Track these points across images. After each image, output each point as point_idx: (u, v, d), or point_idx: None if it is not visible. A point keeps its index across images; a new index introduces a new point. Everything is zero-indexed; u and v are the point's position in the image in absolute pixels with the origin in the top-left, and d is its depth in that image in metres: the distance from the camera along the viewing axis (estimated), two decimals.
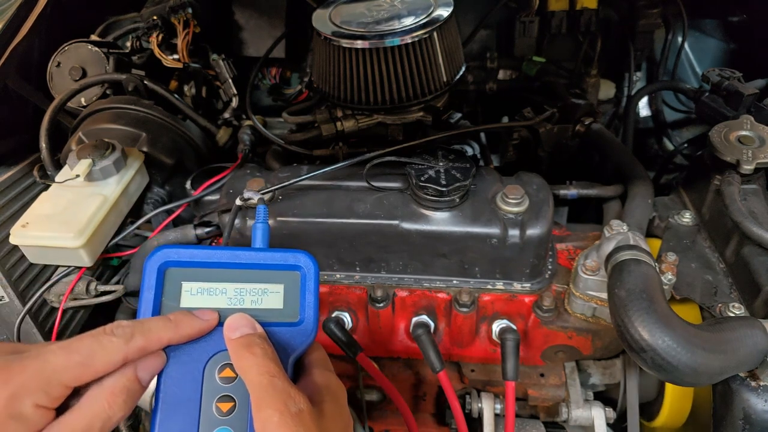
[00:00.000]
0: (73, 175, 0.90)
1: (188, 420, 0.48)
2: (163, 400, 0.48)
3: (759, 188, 0.87)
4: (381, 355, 0.98)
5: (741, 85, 1.05)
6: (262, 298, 0.53)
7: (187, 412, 0.48)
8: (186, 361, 0.49)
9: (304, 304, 0.53)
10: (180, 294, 0.51)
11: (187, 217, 1.03)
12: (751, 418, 0.67)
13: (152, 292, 0.50)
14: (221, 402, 0.49)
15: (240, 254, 0.53)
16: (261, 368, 0.46)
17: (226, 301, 0.52)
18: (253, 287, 0.53)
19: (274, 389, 0.45)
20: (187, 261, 0.52)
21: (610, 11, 1.34)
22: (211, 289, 0.52)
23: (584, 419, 0.91)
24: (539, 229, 0.83)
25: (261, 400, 0.44)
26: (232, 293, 0.52)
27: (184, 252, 0.52)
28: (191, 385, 0.48)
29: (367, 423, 0.91)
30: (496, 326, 0.89)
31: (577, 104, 1.11)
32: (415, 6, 1.00)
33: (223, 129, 1.19)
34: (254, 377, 0.46)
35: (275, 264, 0.54)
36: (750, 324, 0.64)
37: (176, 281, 0.51)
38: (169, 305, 0.50)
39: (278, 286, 0.53)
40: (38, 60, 1.16)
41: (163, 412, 0.48)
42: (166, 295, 0.51)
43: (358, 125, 1.06)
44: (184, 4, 1.16)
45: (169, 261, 0.51)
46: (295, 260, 0.54)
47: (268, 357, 0.47)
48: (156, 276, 0.50)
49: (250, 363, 0.46)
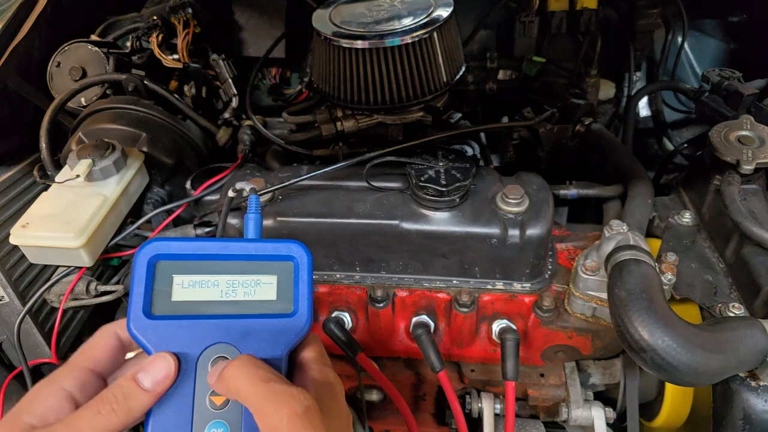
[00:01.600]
0: (73, 175, 0.90)
1: (182, 414, 0.47)
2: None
3: (759, 188, 0.88)
4: (381, 355, 0.98)
5: (741, 85, 1.05)
6: (254, 289, 0.52)
7: (180, 406, 0.47)
8: (178, 355, 0.48)
9: (298, 294, 0.52)
10: (171, 287, 0.50)
11: (187, 217, 1.03)
12: (751, 418, 0.67)
13: (142, 285, 0.49)
14: (215, 396, 0.48)
15: (231, 245, 0.52)
16: (251, 379, 0.44)
17: (219, 294, 0.51)
18: (245, 279, 0.52)
19: (274, 394, 0.43)
20: (178, 254, 0.51)
21: (610, 11, 1.34)
22: (203, 282, 0.51)
23: (584, 419, 0.91)
24: (539, 229, 0.83)
25: (263, 409, 0.42)
26: (225, 285, 0.51)
27: (175, 244, 0.51)
28: (184, 379, 0.48)
29: (367, 423, 0.91)
30: (496, 326, 0.89)
31: (577, 104, 1.11)
32: (415, 6, 1.00)
33: (223, 129, 1.19)
34: (248, 390, 0.43)
35: (268, 255, 0.53)
36: (750, 324, 0.64)
37: (167, 274, 0.50)
38: (160, 299, 0.50)
39: (271, 277, 0.52)
40: (38, 60, 1.16)
41: (155, 406, 0.47)
42: (157, 288, 0.50)
43: (358, 125, 1.06)
44: (184, 4, 1.17)
45: (160, 254, 0.50)
46: (287, 250, 0.53)
47: (253, 366, 0.45)
48: (146, 269, 0.49)
49: (237, 381, 0.44)
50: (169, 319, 0.49)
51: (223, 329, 0.49)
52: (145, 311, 0.48)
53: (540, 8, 1.30)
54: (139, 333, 0.48)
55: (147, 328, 0.48)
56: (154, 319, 0.49)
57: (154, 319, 0.49)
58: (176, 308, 0.50)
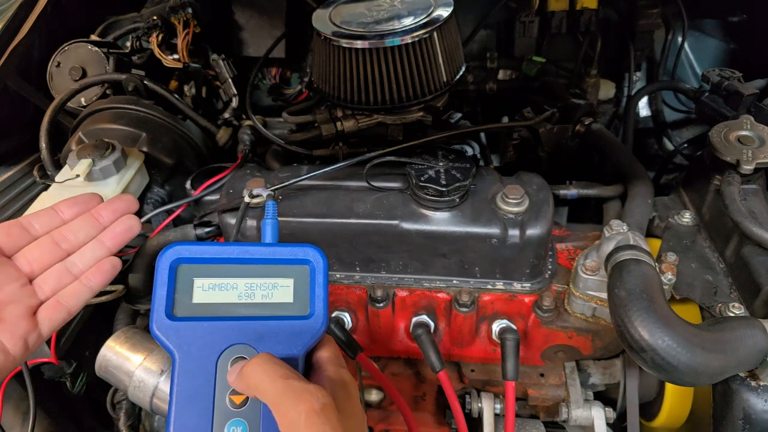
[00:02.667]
0: (73, 175, 0.90)
1: (202, 413, 0.49)
2: (177, 394, 0.49)
3: (759, 188, 0.88)
4: (381, 354, 0.98)
5: (741, 85, 1.05)
6: (272, 292, 0.53)
7: (201, 405, 0.49)
8: (198, 356, 0.50)
9: (314, 297, 0.54)
10: (192, 290, 0.52)
11: (187, 217, 1.03)
12: (751, 418, 0.67)
13: (165, 288, 0.51)
14: (234, 395, 0.50)
15: (250, 249, 0.54)
16: (271, 376, 0.45)
17: (237, 296, 0.53)
18: (263, 282, 0.54)
19: (292, 391, 0.44)
20: (198, 257, 0.53)
21: (610, 11, 1.35)
22: (223, 285, 0.53)
23: (584, 419, 0.91)
24: (539, 229, 0.83)
25: (282, 405, 0.43)
26: (243, 288, 0.53)
27: (196, 249, 0.53)
28: (204, 379, 0.49)
29: (368, 423, 0.91)
30: (496, 326, 0.89)
31: (577, 104, 1.11)
32: (415, 6, 1.00)
33: (223, 129, 1.19)
34: (267, 386, 0.44)
35: (285, 259, 0.54)
36: (750, 324, 0.64)
37: (188, 277, 0.52)
38: (182, 301, 0.51)
39: (288, 280, 0.54)
40: (38, 60, 1.16)
41: (177, 405, 0.49)
42: (179, 291, 0.52)
43: (358, 125, 1.06)
44: (184, 4, 1.17)
45: (181, 258, 0.52)
46: (304, 254, 0.55)
47: (272, 363, 0.46)
48: (168, 273, 0.51)
49: (257, 377, 0.45)
50: (190, 321, 0.51)
51: (242, 330, 0.51)
52: (168, 313, 0.50)
53: (540, 8, 1.30)
54: (162, 334, 0.50)
55: (169, 329, 0.50)
56: (176, 320, 0.51)
57: (176, 321, 0.50)
58: (197, 310, 0.52)
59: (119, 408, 0.98)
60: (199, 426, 0.48)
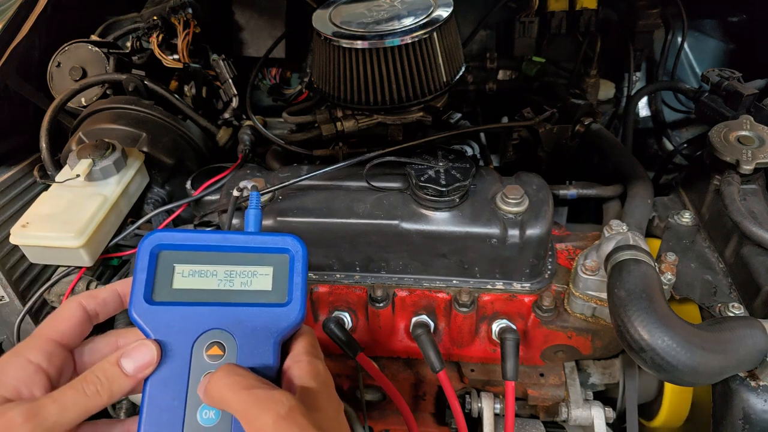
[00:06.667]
0: (73, 175, 0.90)
1: (176, 394, 0.49)
2: (151, 377, 0.49)
3: (759, 188, 0.88)
4: (381, 355, 0.98)
5: (740, 85, 1.05)
6: (251, 279, 0.54)
7: (175, 386, 0.49)
8: (175, 340, 0.50)
9: (292, 285, 0.54)
10: (173, 276, 0.53)
11: (187, 217, 1.03)
12: (750, 418, 0.67)
13: (144, 273, 0.51)
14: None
15: (231, 237, 0.55)
16: (233, 388, 0.45)
17: (217, 283, 0.53)
18: (243, 269, 0.54)
19: (257, 400, 0.44)
20: (180, 244, 0.53)
21: (609, 11, 1.35)
22: (203, 271, 0.53)
23: (584, 419, 0.91)
24: (539, 229, 0.83)
25: (247, 415, 0.44)
26: (223, 275, 0.53)
27: (178, 235, 0.54)
28: (180, 363, 0.50)
29: (367, 423, 0.91)
30: (495, 326, 0.90)
31: (577, 104, 1.11)
32: (415, 6, 1.00)
33: (223, 129, 1.19)
34: (232, 399, 0.45)
35: (265, 247, 0.55)
36: (749, 324, 0.64)
37: (169, 263, 0.53)
38: (161, 286, 0.52)
39: (267, 268, 0.55)
40: (38, 60, 1.16)
41: (151, 388, 0.49)
42: (159, 276, 0.52)
43: (358, 125, 1.06)
44: (184, 4, 1.17)
45: (163, 244, 0.53)
46: (283, 243, 0.55)
47: (235, 375, 0.47)
48: (149, 258, 0.52)
49: (220, 391, 0.46)
50: (168, 306, 0.51)
51: (219, 316, 0.52)
52: (146, 297, 0.51)
53: (540, 8, 1.30)
54: (140, 318, 0.51)
55: (147, 313, 0.51)
56: (154, 305, 0.51)
57: (155, 305, 0.51)
58: (176, 295, 0.52)
59: (119, 407, 0.98)
60: (173, 408, 0.49)
